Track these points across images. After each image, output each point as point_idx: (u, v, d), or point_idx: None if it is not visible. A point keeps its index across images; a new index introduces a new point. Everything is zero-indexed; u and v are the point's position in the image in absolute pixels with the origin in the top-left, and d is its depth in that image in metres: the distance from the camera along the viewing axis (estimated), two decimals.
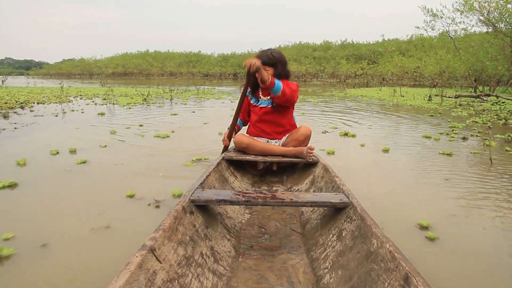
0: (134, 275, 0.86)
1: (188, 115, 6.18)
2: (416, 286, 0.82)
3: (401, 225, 1.74)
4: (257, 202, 1.40)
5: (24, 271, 1.31)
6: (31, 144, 3.56)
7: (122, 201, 2.01)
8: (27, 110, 6.66)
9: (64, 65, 56.31)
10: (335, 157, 3.12)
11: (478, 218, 1.83)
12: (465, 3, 12.37)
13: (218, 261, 1.24)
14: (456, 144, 3.67)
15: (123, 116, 5.89)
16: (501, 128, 4.80)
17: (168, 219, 1.15)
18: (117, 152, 3.25)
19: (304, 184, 2.15)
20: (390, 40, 35.18)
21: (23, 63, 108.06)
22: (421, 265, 1.35)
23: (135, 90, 13.12)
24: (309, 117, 5.93)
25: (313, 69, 31.64)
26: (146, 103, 8.29)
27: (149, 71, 42.37)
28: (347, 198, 1.44)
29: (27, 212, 1.84)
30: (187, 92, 12.23)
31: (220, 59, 45.32)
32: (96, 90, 13.25)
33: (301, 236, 1.53)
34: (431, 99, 9.47)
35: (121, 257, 1.33)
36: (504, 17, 12.01)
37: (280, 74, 2.23)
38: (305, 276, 1.21)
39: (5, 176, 2.39)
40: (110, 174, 2.56)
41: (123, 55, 51.67)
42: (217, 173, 1.95)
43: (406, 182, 2.48)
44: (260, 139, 2.38)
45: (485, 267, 1.37)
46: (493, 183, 2.40)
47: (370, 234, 1.12)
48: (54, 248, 1.48)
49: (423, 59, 21.39)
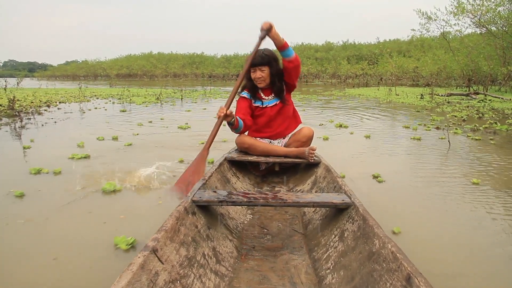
0: (136, 275, 0.86)
1: (200, 111, 6.92)
2: (418, 287, 0.82)
3: (362, 175, 2.56)
4: (259, 203, 1.41)
5: (127, 201, 2.03)
6: (77, 134, 4.30)
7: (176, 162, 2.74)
8: (54, 109, 7.40)
9: (69, 67, 57.14)
10: (329, 141, 3.84)
11: (418, 171, 2.63)
12: (458, 6, 13.03)
13: (220, 262, 1.24)
14: (429, 132, 4.38)
15: (143, 113, 6.64)
16: (476, 121, 5.49)
17: (170, 219, 1.16)
18: (151, 138, 3.98)
19: (306, 185, 2.17)
20: (391, 40, 35.87)
21: (26, 65, 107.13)
22: (373, 195, 2.08)
23: (145, 90, 13.89)
24: (309, 113, 6.65)
25: (314, 69, 32.31)
26: (160, 102, 9.05)
27: (153, 73, 42.88)
28: (349, 198, 1.45)
29: (109, 169, 2.57)
30: (194, 92, 12.99)
31: (223, 60, 45.91)
32: (108, 91, 14.02)
33: (303, 237, 1.54)
34: (423, 97, 10.15)
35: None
36: (495, 20, 12.60)
37: (277, 71, 2.24)
38: (307, 276, 1.22)
39: (77, 151, 3.16)
40: (156, 149, 3.32)
41: (127, 56, 52.34)
42: (219, 174, 1.98)
43: (374, 153, 3.32)
44: (263, 139, 2.40)
45: (414, 195, 2.10)
46: (443, 156, 3.12)
47: (372, 234, 1.13)
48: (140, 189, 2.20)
49: (421, 59, 22.08)
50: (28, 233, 1.61)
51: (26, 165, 2.75)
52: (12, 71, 74.21)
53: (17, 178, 2.43)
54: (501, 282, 1.27)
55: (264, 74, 2.22)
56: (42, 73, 61.09)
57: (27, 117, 5.89)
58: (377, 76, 24.48)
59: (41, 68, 79.10)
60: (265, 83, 2.26)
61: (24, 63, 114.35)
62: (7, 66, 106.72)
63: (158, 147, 3.51)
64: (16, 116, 5.87)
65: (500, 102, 8.76)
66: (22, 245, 1.49)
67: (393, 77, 22.88)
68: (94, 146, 3.51)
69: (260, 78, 2.23)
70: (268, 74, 2.23)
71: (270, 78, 2.25)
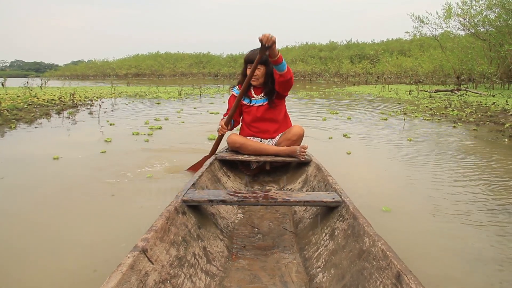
0: (126, 276, 0.87)
1: (220, 103, 8.45)
2: (408, 284, 0.83)
3: (336, 150, 3.97)
4: (249, 202, 1.42)
5: (166, 133, 3.53)
6: (135, 117, 5.83)
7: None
8: (98, 102, 8.93)
9: (78, 67, 58.25)
10: (324, 123, 5.32)
11: (380, 137, 4.05)
12: (447, 11, 14.41)
13: (211, 262, 1.25)
14: (397, 116, 5.84)
15: (173, 105, 8.17)
16: (443, 109, 6.93)
17: (160, 219, 1.16)
18: (194, 118, 5.49)
19: (297, 184, 2.18)
20: (394, 40, 36.99)
21: (33, 65, 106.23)
22: (342, 161, 3.56)
23: (164, 88, 15.47)
24: (307, 106, 8.15)
25: (318, 68, 33.49)
26: (183, 97, 10.59)
27: (161, 72, 44.03)
28: (339, 197, 1.46)
29: (180, 131, 4.07)
30: (209, 89, 14.53)
31: (229, 59, 46.85)
32: (132, 89, 15.60)
33: (294, 236, 1.55)
34: (411, 93, 11.57)
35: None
36: (484, 23, 13.86)
37: (271, 73, 2.27)
38: (298, 275, 1.23)
39: (148, 127, 4.68)
40: (202, 126, 4.80)
41: (135, 56, 53.25)
42: (209, 173, 1.98)
43: (351, 129, 4.72)
44: (254, 138, 2.42)
45: (362, 164, 3.57)
46: (399, 129, 4.59)
47: (363, 232, 1.14)
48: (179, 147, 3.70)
49: (420, 58, 23.44)
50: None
51: (130, 131, 4.32)
52: (19, 71, 73.34)
53: (125, 138, 3.97)
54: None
55: (260, 73, 2.28)
56: (52, 73, 61.77)
57: (85, 107, 7.44)
58: (377, 74, 25.79)
59: (48, 68, 77.37)
60: (259, 81, 2.33)
61: (30, 63, 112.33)
62: (14, 66, 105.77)
63: (203, 123, 5.02)
64: (76, 107, 7.43)
65: (476, 96, 10.14)
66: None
67: (392, 75, 24.29)
68: (157, 123, 5.03)
69: (255, 76, 2.28)
70: (263, 73, 2.29)
71: (265, 78, 2.31)
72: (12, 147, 3.52)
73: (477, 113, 5.96)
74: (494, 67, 12.97)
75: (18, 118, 5.43)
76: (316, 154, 2.42)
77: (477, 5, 13.48)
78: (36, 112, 6.17)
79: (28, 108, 6.65)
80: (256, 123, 2.41)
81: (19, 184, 2.34)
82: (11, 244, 1.55)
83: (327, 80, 28.08)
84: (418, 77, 18.68)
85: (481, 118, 5.45)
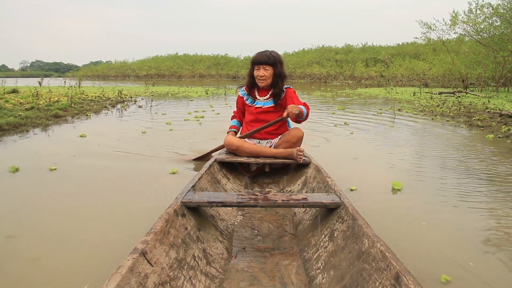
0: (125, 278, 0.87)
1: None
2: (407, 285, 0.84)
3: (341, 133, 5.28)
4: (249, 204, 1.43)
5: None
6: (177, 110, 7.26)
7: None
8: (138, 99, 10.43)
9: (99, 67, 59.25)
10: (330, 116, 6.60)
11: (376, 125, 5.33)
12: (453, 18, 15.41)
13: (211, 263, 1.25)
14: (390, 112, 7.05)
15: (204, 102, 9.59)
16: (434, 107, 8.08)
17: (160, 222, 1.17)
18: (229, 112, 6.85)
19: (296, 185, 2.18)
20: (409, 43, 37.43)
21: (52, 65, 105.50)
22: (342, 147, 4.88)
23: (190, 88, 16.99)
24: (319, 105, 9.45)
25: (333, 71, 34.36)
26: (210, 95, 12.05)
27: (180, 73, 45.21)
28: (338, 198, 1.48)
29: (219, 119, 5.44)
30: (231, 90, 15.96)
31: (246, 61, 47.65)
32: (162, 89, 17.17)
33: (294, 237, 1.56)
34: (415, 94, 12.68)
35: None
36: (490, 30, 14.74)
37: (280, 74, 2.27)
38: (298, 277, 1.24)
39: (193, 116, 6.09)
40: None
41: (154, 58, 54.06)
42: (209, 175, 1.99)
43: (352, 120, 5.99)
44: (250, 141, 2.42)
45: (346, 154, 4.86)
46: (389, 121, 5.84)
47: (362, 234, 1.16)
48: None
49: (431, 62, 24.28)
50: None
51: (183, 116, 5.78)
52: (40, 71, 73.06)
53: (181, 122, 5.38)
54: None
55: (267, 74, 2.27)
56: (74, 73, 61.52)
57: (131, 103, 8.94)
58: (389, 77, 26.71)
59: (67, 69, 77.79)
60: (266, 83, 2.32)
61: (50, 63, 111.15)
62: (34, 67, 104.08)
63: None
64: (123, 102, 8.93)
65: (473, 98, 11.18)
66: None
67: (404, 78, 25.21)
68: (198, 114, 6.42)
69: (263, 76, 2.28)
70: (271, 74, 2.28)
71: (272, 79, 2.31)
72: (109, 129, 4.97)
73: (459, 110, 7.12)
74: (491, 71, 13.93)
75: (86, 110, 6.85)
76: (319, 138, 3.73)
77: (481, 14, 14.44)
78: (93, 106, 7.55)
79: (86, 103, 8.05)
80: (254, 123, 2.44)
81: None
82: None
83: (342, 82, 29.12)
84: (425, 80, 19.63)
85: (458, 113, 6.63)
